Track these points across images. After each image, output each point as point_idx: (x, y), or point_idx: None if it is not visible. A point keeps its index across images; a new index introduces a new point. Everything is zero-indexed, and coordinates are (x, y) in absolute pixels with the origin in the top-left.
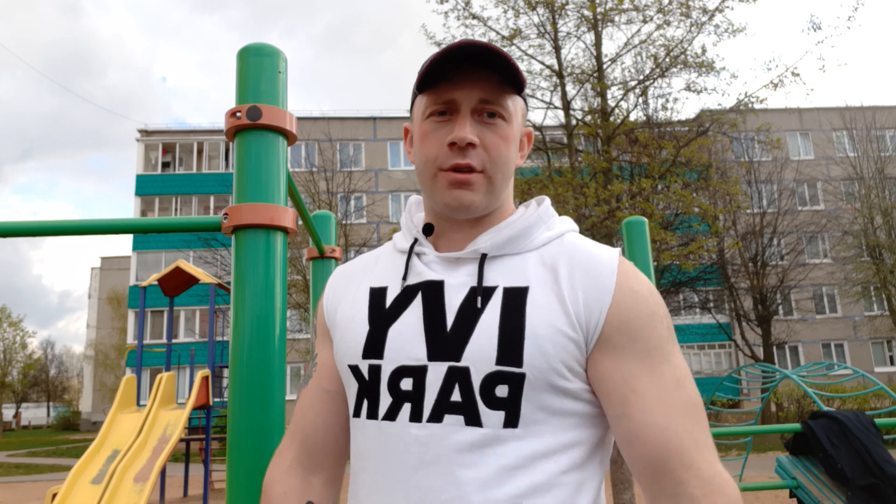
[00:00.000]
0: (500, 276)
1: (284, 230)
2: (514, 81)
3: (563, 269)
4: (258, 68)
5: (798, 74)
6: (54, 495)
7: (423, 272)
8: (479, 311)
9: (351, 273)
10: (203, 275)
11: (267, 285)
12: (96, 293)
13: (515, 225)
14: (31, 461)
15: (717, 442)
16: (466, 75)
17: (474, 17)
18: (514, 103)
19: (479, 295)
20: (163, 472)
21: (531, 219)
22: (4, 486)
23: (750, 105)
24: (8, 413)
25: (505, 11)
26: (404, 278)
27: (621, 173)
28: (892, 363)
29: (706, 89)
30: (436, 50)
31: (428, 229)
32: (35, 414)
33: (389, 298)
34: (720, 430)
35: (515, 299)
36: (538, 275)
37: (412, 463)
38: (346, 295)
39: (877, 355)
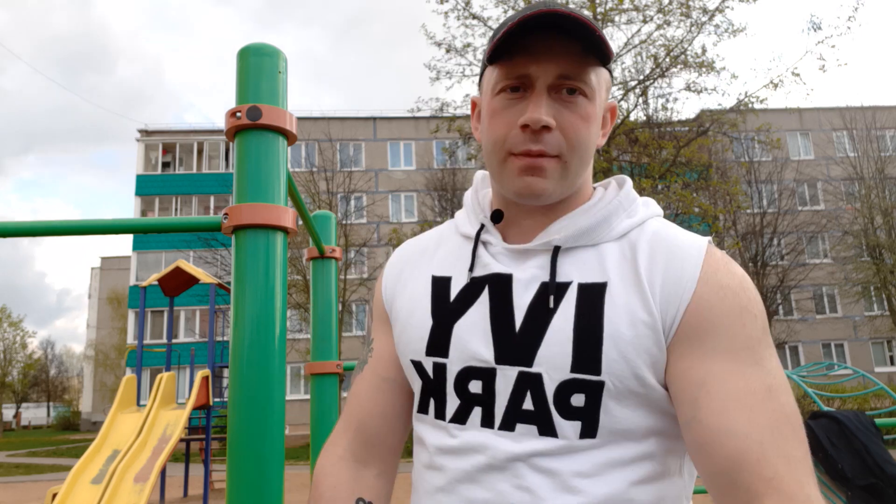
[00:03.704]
0: (575, 271)
1: (284, 230)
2: (599, 52)
3: (643, 259)
4: (258, 68)
5: (798, 74)
6: (54, 495)
7: (490, 264)
8: (552, 312)
9: (410, 256)
10: (203, 275)
11: (267, 285)
12: (96, 293)
13: (592, 213)
14: (31, 461)
15: None
16: (544, 45)
17: (474, 17)
18: (597, 77)
19: (551, 293)
20: (163, 472)
21: (611, 206)
22: (4, 486)
23: (750, 105)
24: (8, 413)
25: (505, 11)
26: (471, 269)
27: (621, 173)
28: (892, 363)
29: (706, 89)
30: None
31: (497, 216)
32: (35, 414)
33: (454, 291)
34: None
35: (592, 297)
36: (618, 268)
37: (482, 465)
38: (405, 282)
39: (877, 355)
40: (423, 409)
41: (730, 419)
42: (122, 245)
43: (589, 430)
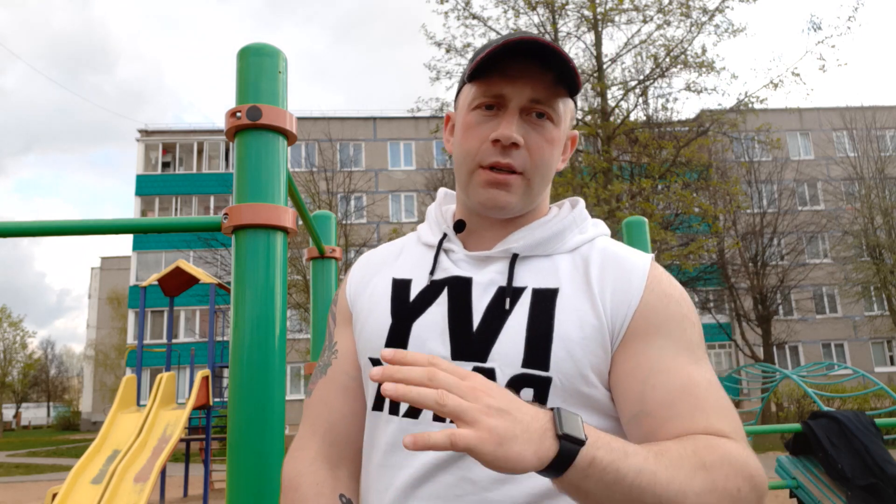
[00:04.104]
0: (530, 277)
1: (284, 230)
2: (570, 83)
3: (595, 270)
4: (258, 68)
5: (798, 74)
6: (54, 495)
7: (450, 268)
8: (507, 313)
9: (373, 262)
10: (203, 275)
11: (267, 285)
12: (96, 293)
13: (548, 226)
14: (31, 461)
15: None
16: (520, 70)
17: (474, 17)
18: (564, 105)
19: (507, 296)
20: (163, 472)
21: (565, 221)
22: (4, 486)
23: (750, 105)
24: (8, 413)
25: (505, 11)
26: (431, 272)
27: (621, 173)
28: (892, 363)
29: (706, 89)
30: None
31: (459, 226)
32: (35, 414)
33: (414, 292)
34: None
35: (545, 301)
36: (570, 277)
37: (431, 461)
38: (367, 284)
39: (877, 355)
40: (378, 406)
41: (678, 408)
42: (122, 245)
43: None
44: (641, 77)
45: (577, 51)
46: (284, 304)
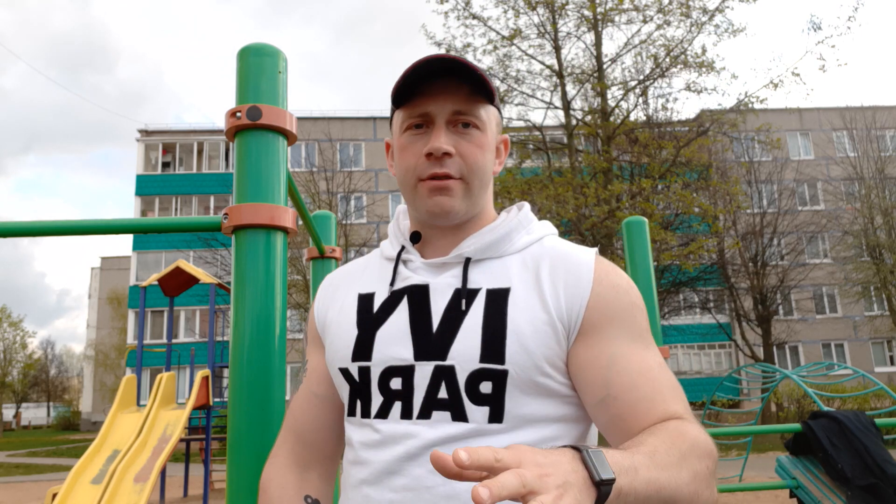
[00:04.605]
0: (484, 279)
1: (284, 230)
2: (484, 92)
3: (545, 269)
4: (258, 68)
5: (798, 74)
6: (54, 495)
7: (410, 277)
8: (464, 313)
9: (339, 281)
10: (203, 275)
11: (267, 285)
12: (96, 293)
13: (497, 230)
14: (31, 461)
15: (717, 442)
16: (439, 88)
17: (474, 17)
18: (487, 113)
19: (463, 297)
20: (163, 472)
21: (512, 223)
22: (4, 486)
23: (750, 105)
24: (8, 413)
25: (505, 11)
26: (392, 283)
27: (621, 173)
28: (892, 363)
29: (706, 89)
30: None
31: (415, 237)
32: (35, 414)
33: (377, 303)
34: (720, 430)
35: (498, 300)
36: (520, 276)
37: (401, 455)
38: (334, 302)
39: (877, 355)
40: (351, 411)
41: (640, 391)
42: (122, 245)
43: (496, 416)
44: (641, 77)
45: (577, 51)
46: (284, 304)
